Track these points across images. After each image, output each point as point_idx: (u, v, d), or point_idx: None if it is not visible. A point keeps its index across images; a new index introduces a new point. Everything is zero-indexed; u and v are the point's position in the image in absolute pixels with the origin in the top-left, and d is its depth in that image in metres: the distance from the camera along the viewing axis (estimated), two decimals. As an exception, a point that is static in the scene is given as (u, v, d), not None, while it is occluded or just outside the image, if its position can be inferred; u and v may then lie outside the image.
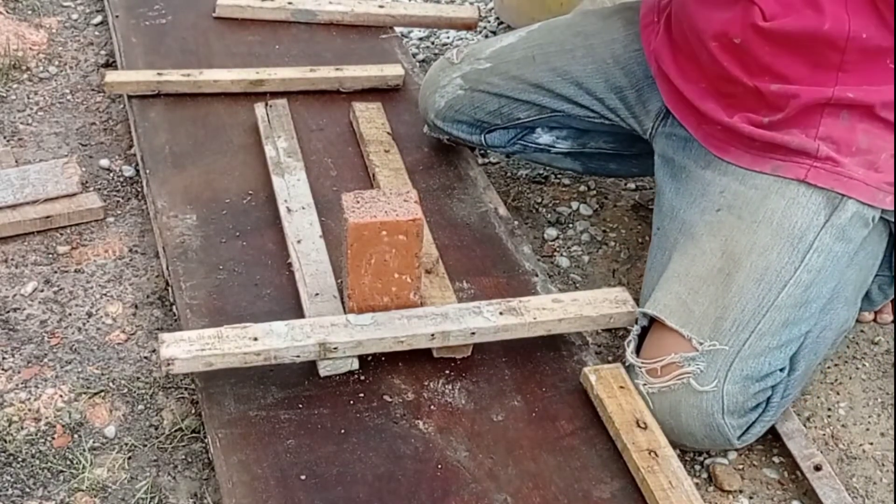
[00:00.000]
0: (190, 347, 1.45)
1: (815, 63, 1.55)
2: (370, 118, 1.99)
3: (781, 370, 1.52)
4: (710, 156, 1.65)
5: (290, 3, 2.29)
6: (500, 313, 1.55)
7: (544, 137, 1.89)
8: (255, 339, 1.47)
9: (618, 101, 1.79)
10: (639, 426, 1.46)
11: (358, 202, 1.50)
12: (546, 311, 1.56)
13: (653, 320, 1.55)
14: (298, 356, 1.48)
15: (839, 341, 1.65)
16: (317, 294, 1.61)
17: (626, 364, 1.54)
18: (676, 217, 1.64)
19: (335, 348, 1.49)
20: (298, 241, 1.70)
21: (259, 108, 1.99)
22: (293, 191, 1.80)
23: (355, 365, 1.53)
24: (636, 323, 1.58)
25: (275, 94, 2.04)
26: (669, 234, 1.64)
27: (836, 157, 1.55)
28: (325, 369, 1.52)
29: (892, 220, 1.60)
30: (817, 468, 1.51)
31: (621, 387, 1.51)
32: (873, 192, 1.56)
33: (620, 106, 1.79)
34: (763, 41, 1.56)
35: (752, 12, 1.55)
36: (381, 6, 2.31)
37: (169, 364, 1.45)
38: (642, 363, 1.51)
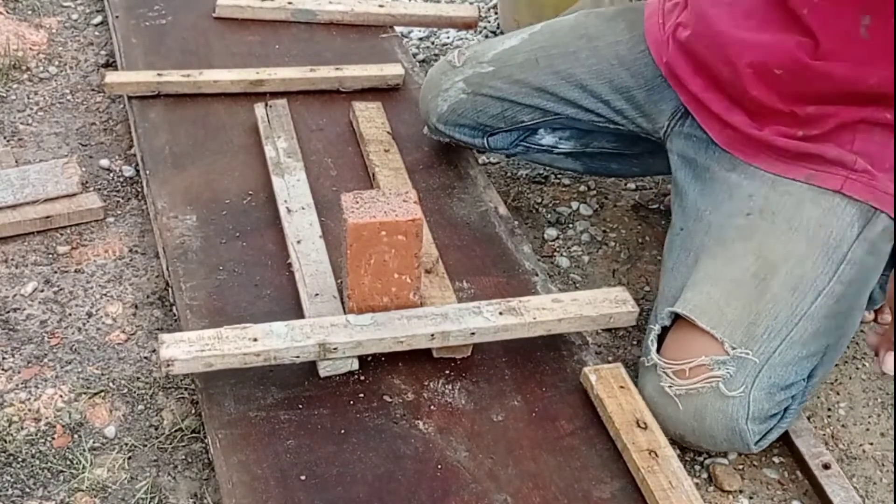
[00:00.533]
0: (189, 348, 1.45)
1: (856, 94, 1.54)
2: (370, 117, 1.99)
3: (804, 379, 1.52)
4: (736, 159, 1.64)
5: (290, 3, 2.29)
6: (500, 313, 1.54)
7: (547, 139, 1.88)
8: (255, 339, 1.47)
9: (624, 102, 1.77)
10: (639, 426, 1.46)
11: (357, 202, 1.50)
12: (546, 311, 1.56)
13: (675, 320, 1.55)
14: (298, 357, 1.48)
15: None
16: (316, 294, 1.61)
17: (649, 363, 1.53)
18: (702, 219, 1.63)
19: (335, 349, 1.49)
20: (298, 242, 1.70)
21: (259, 109, 1.99)
22: (293, 191, 1.80)
23: (355, 365, 1.53)
24: (657, 322, 1.57)
25: (275, 94, 2.04)
26: (695, 235, 1.62)
27: (872, 170, 1.55)
28: (324, 370, 1.52)
29: None
30: (826, 466, 1.51)
31: (621, 387, 1.51)
32: None
33: (627, 106, 1.77)
34: (807, 76, 1.53)
35: (802, 45, 1.51)
36: (381, 5, 2.31)
37: (169, 365, 1.45)
38: (668, 363, 1.51)
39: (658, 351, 1.54)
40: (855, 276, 1.54)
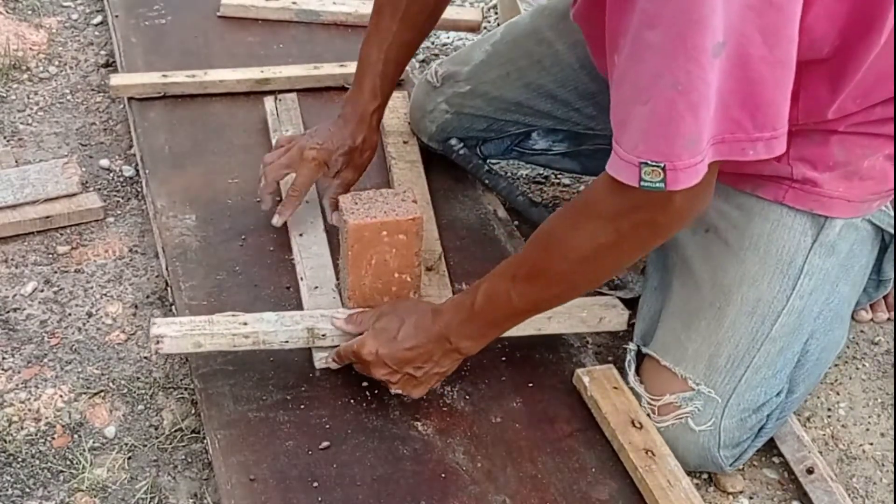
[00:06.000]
0: (180, 328, 1.46)
1: None
2: (393, 108, 1.98)
3: (778, 394, 1.51)
4: None
5: (294, 3, 2.28)
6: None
7: (540, 143, 1.88)
8: (245, 324, 1.48)
9: (593, 108, 1.75)
10: (634, 426, 1.46)
11: (356, 203, 1.50)
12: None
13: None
14: (287, 341, 1.49)
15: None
16: (316, 287, 1.61)
17: (629, 386, 1.54)
18: None
19: (323, 335, 1.49)
20: (300, 235, 1.70)
21: (269, 102, 1.99)
22: (298, 185, 1.81)
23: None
24: (631, 344, 1.57)
25: (280, 93, 2.04)
26: (666, 252, 1.60)
27: (814, 175, 1.48)
28: (319, 361, 1.52)
29: (883, 225, 1.56)
30: (809, 471, 1.51)
31: (615, 387, 1.51)
32: (857, 206, 1.51)
33: (597, 112, 1.75)
34: None
35: None
36: (383, 6, 2.30)
37: (158, 342, 1.45)
38: (643, 394, 1.51)
39: (638, 370, 1.54)
40: (816, 285, 1.50)
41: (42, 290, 1.75)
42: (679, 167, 1.21)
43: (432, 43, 2.50)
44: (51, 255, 1.81)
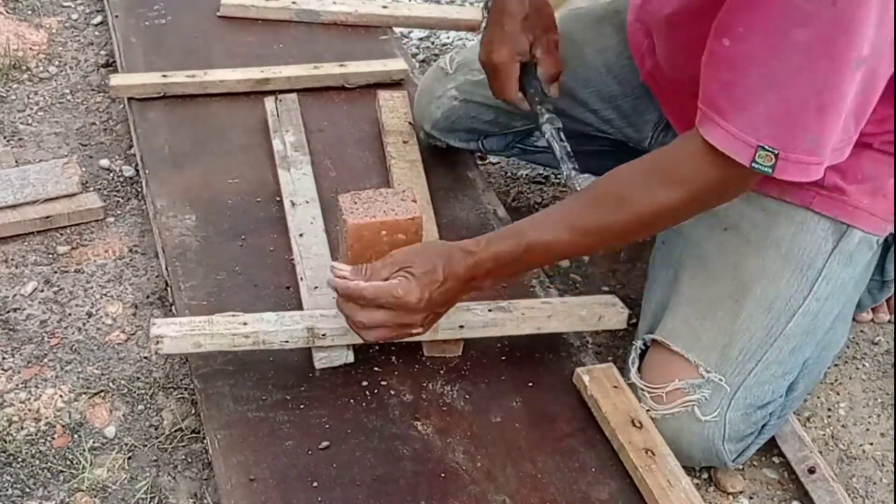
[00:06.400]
0: (180, 328, 1.47)
1: None
2: (393, 107, 1.99)
3: (782, 396, 1.52)
4: None
5: (294, 3, 2.28)
6: (490, 310, 1.54)
7: (542, 140, 1.88)
8: (245, 324, 1.48)
9: (611, 112, 1.77)
10: (634, 425, 1.46)
11: (355, 202, 1.50)
12: (535, 309, 1.56)
13: (655, 339, 1.54)
14: (287, 341, 1.49)
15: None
16: (316, 287, 1.61)
17: (629, 382, 1.54)
18: (682, 232, 1.61)
19: (323, 335, 1.49)
20: (301, 235, 1.71)
21: (269, 102, 1.99)
22: (298, 185, 1.81)
23: (350, 358, 1.54)
24: (638, 338, 1.57)
25: (280, 93, 2.04)
26: (674, 249, 1.61)
27: (842, 184, 1.52)
28: (320, 361, 1.52)
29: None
30: (811, 471, 1.51)
31: (615, 386, 1.51)
32: (878, 222, 1.54)
33: (614, 116, 1.77)
34: None
35: None
36: (384, 6, 2.30)
37: (158, 342, 1.45)
38: (645, 386, 1.51)
39: (640, 368, 1.54)
40: (832, 291, 1.53)
41: (42, 290, 1.75)
42: (790, 159, 1.30)
43: (432, 43, 2.50)
44: (51, 255, 1.81)
